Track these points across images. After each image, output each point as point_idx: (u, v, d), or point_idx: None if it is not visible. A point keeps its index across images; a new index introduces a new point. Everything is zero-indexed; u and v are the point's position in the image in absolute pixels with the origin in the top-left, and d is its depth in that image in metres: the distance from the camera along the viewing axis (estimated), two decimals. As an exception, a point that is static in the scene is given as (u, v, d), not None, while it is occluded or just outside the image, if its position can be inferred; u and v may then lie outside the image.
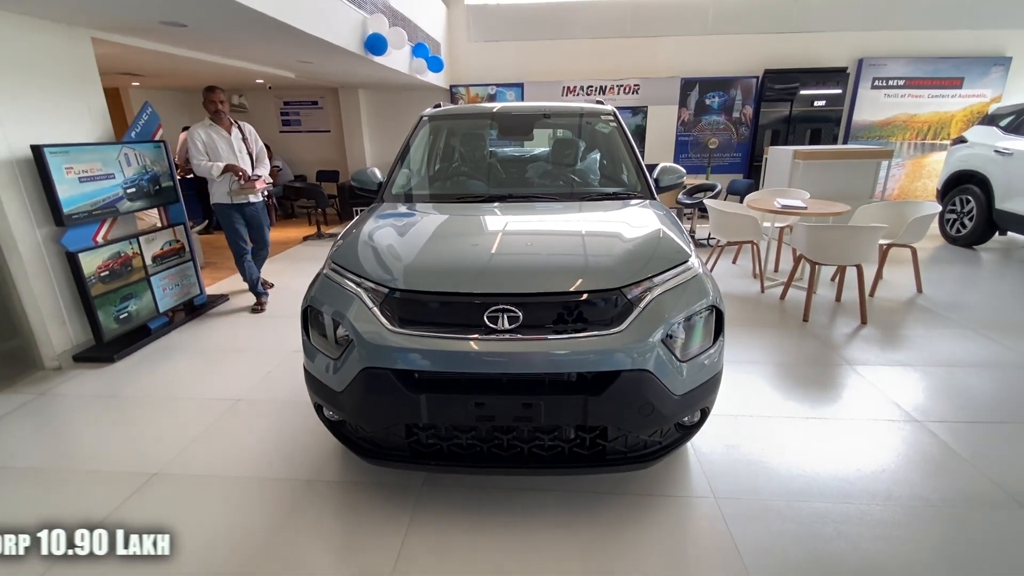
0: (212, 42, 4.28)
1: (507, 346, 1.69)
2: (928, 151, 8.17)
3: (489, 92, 8.36)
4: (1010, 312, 4.07)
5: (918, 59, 7.71)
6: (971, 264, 5.50)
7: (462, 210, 2.53)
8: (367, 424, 1.87)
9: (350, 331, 1.80)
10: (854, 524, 1.95)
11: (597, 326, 1.73)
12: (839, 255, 3.90)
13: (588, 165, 3.12)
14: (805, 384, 3.04)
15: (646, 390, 1.72)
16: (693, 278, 1.90)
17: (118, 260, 3.57)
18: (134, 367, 3.40)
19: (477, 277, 1.82)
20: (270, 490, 2.19)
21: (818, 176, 6.23)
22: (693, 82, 8.09)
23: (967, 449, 2.37)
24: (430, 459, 1.87)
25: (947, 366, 3.19)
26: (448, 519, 2.01)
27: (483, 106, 3.50)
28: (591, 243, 2.05)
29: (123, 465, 2.38)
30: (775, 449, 2.41)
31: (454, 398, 1.74)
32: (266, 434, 2.61)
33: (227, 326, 4.09)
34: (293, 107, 8.99)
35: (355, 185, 3.03)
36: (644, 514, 2.02)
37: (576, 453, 1.86)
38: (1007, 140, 5.54)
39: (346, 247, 2.13)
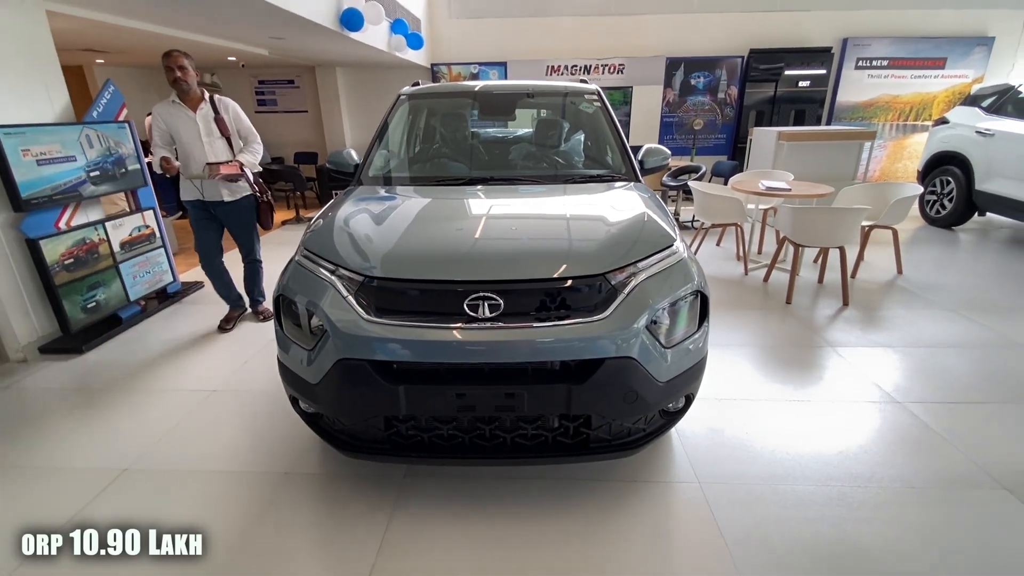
0: (177, 15, 4.07)
1: (488, 335, 1.63)
2: (910, 132, 8.21)
3: (471, 71, 8.16)
4: (989, 292, 4.12)
5: (902, 39, 7.70)
6: (950, 245, 5.57)
7: (442, 193, 2.44)
8: (344, 417, 1.81)
9: (324, 321, 1.73)
10: (836, 506, 1.95)
11: (581, 313, 1.68)
12: (822, 237, 3.90)
13: (572, 146, 3.03)
14: (788, 366, 3.05)
15: (630, 377, 1.68)
16: (678, 262, 1.85)
17: (83, 247, 3.42)
18: (104, 358, 3.28)
19: (457, 264, 1.75)
20: (247, 484, 2.13)
21: (802, 157, 6.23)
22: (678, 62, 7.98)
23: (947, 429, 2.40)
24: (410, 451, 1.81)
25: (927, 347, 3.22)
26: (430, 510, 1.97)
27: (464, 84, 3.39)
28: (575, 227, 1.99)
29: (92, 461, 2.29)
30: (759, 432, 2.41)
31: (434, 389, 1.68)
32: (243, 426, 2.54)
33: (202, 314, 3.96)
34: (268, 86, 8.69)
35: (330, 168, 2.92)
36: (629, 501, 2.00)
37: (560, 442, 1.82)
38: (988, 121, 5.57)
39: (320, 233, 2.04)
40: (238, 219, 3.50)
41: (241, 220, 3.51)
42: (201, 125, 3.23)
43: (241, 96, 8.68)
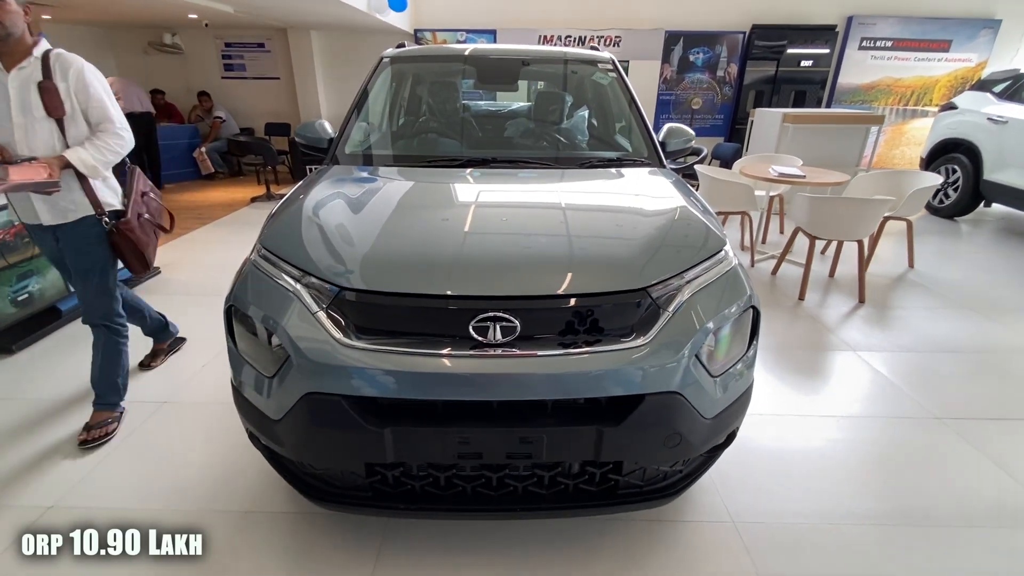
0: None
1: (500, 365, 1.28)
2: (910, 117, 8.00)
3: (459, 38, 7.60)
4: (1006, 289, 3.92)
5: (908, 19, 7.40)
6: (954, 236, 5.39)
7: (436, 178, 2.04)
8: (314, 462, 1.44)
9: (287, 344, 1.34)
10: (891, 547, 1.69)
11: (616, 337, 1.34)
12: (843, 230, 3.62)
13: (583, 124, 2.64)
14: (813, 374, 2.78)
15: (676, 417, 1.35)
16: (730, 271, 1.51)
17: (11, 231, 2.92)
18: (37, 359, 2.84)
19: (460, 273, 1.37)
20: (201, 527, 1.75)
21: (807, 141, 5.93)
22: (677, 36, 7.56)
23: (994, 451, 2.15)
24: (398, 502, 1.46)
25: (954, 352, 2.99)
26: (424, 557, 1.64)
27: (457, 47, 2.93)
28: (605, 227, 1.62)
29: (10, 497, 1.88)
30: (793, 455, 2.13)
31: (430, 433, 1.32)
32: (196, 449, 2.15)
33: (158, 304, 3.48)
34: (236, 49, 7.98)
35: (300, 141, 2.50)
36: (656, 542, 1.70)
37: (582, 489, 1.49)
38: (1001, 107, 5.33)
39: (282, 227, 1.63)
40: (73, 256, 2.11)
41: (76, 259, 2.12)
42: (14, 96, 1.87)
43: (206, 60, 8.00)
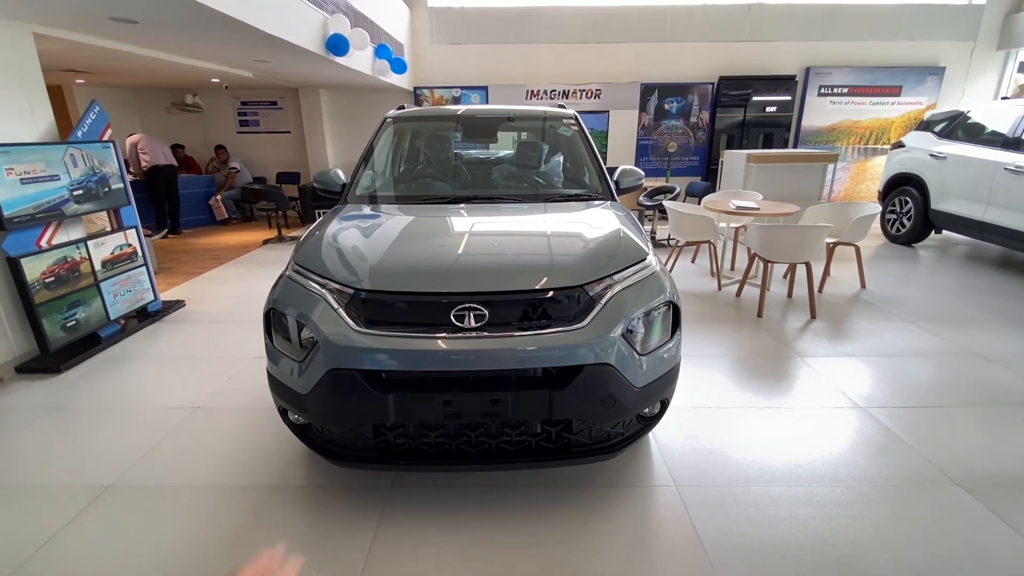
0: (164, 39, 4.15)
1: (474, 344, 1.72)
2: (871, 155, 8.66)
3: (453, 94, 8.36)
4: (946, 306, 4.36)
5: (860, 68, 8.18)
6: (910, 261, 5.87)
7: (428, 211, 2.55)
8: (334, 425, 1.86)
9: (315, 333, 1.79)
10: (804, 505, 2.06)
11: (561, 322, 1.79)
12: (789, 253, 4.10)
13: (551, 167, 3.18)
14: (760, 376, 3.19)
15: (608, 383, 1.78)
16: (651, 275, 1.98)
17: (64, 265, 3.41)
18: (83, 377, 3.25)
19: (444, 276, 1.84)
20: (234, 498, 2.15)
21: (770, 178, 6.53)
22: (653, 87, 8.32)
23: (907, 432, 2.55)
24: (399, 459, 1.88)
25: (888, 356, 3.40)
26: (418, 518, 2.02)
27: (447, 108, 3.52)
28: (555, 243, 2.10)
29: (74, 479, 2.28)
30: (732, 438, 2.52)
31: (422, 397, 1.76)
32: (227, 442, 2.55)
33: (184, 333, 3.95)
34: (251, 107, 8.76)
35: (318, 187, 3.00)
36: (610, 504, 2.08)
37: (543, 447, 1.90)
38: (941, 145, 5.94)
39: (310, 248, 2.11)
40: None
41: None
42: None
43: (223, 116, 8.76)
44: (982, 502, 2.07)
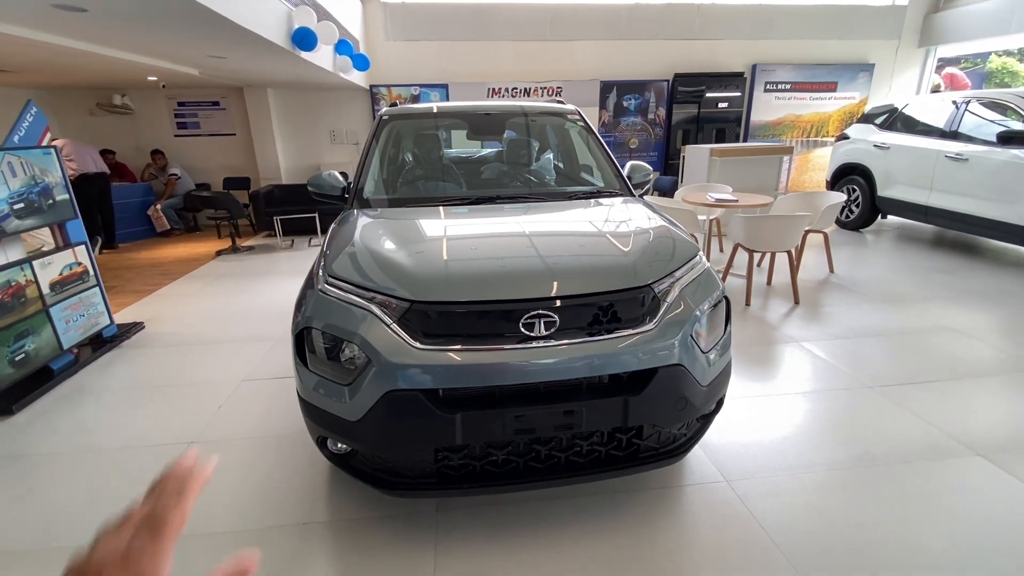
0: (110, 31, 3.69)
1: (547, 353, 1.61)
2: (812, 147, 9.21)
3: (412, 92, 8.10)
4: (907, 285, 4.68)
5: (800, 65, 8.66)
6: (862, 245, 6.27)
7: (459, 213, 2.39)
8: (391, 453, 1.69)
9: (367, 351, 1.62)
10: (849, 488, 2.11)
11: (631, 325, 1.71)
12: (773, 242, 4.25)
13: (568, 164, 3.10)
14: (767, 364, 3.26)
15: (681, 384, 1.72)
16: (704, 271, 1.94)
17: (8, 291, 2.96)
18: (39, 418, 2.83)
19: (508, 282, 1.71)
20: (262, 541, 1.92)
21: (733, 171, 6.77)
22: (611, 84, 8.43)
23: (920, 408, 2.67)
24: (464, 483, 1.73)
25: (877, 336, 3.59)
26: (478, 544, 1.88)
27: (450, 105, 3.35)
28: (612, 242, 2.01)
29: (47, 541, 1.95)
30: (764, 427, 2.56)
31: (491, 414, 1.62)
32: (237, 479, 2.29)
33: (149, 359, 3.55)
34: (190, 108, 8.08)
35: (313, 191, 2.77)
36: (670, 505, 2.04)
37: (612, 455, 1.82)
38: (883, 135, 6.38)
39: (344, 258, 1.91)
40: None
41: None
42: None
43: (157, 119, 8.04)
44: (1002, 468, 2.20)
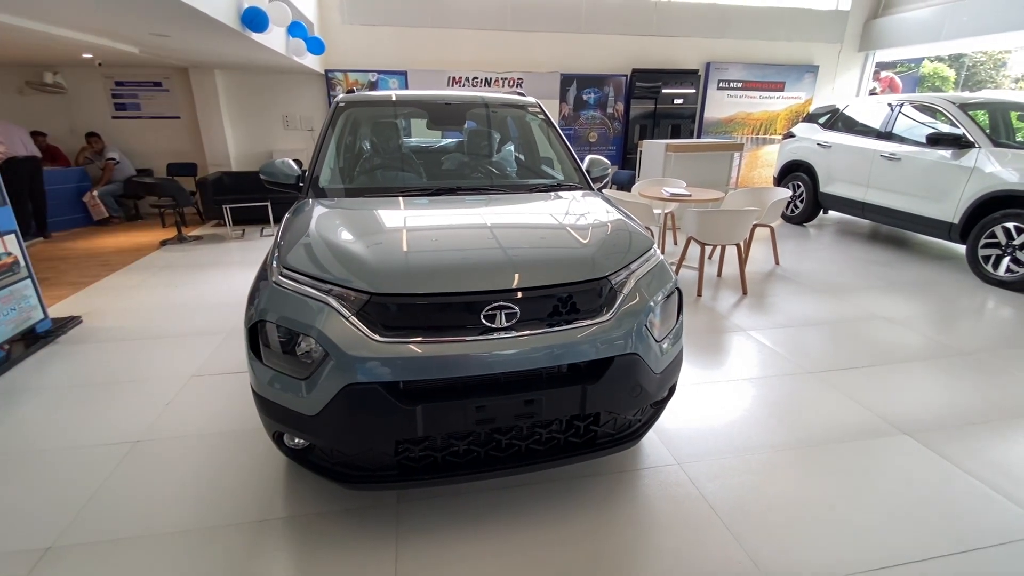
0: (42, 4, 3.40)
1: (508, 344, 1.64)
2: (761, 144, 9.60)
3: (370, 79, 7.90)
4: (847, 276, 4.99)
5: (751, 65, 8.99)
6: (805, 239, 6.62)
7: (419, 204, 2.36)
8: (350, 447, 1.68)
9: (324, 345, 1.59)
10: (796, 467, 2.26)
11: (589, 315, 1.76)
12: (724, 235, 4.43)
13: (528, 157, 3.11)
14: (716, 352, 3.41)
15: (636, 372, 1.79)
16: (658, 263, 2.02)
17: (-77, 283, 2.73)
18: (-37, 420, 2.64)
19: (470, 274, 1.72)
20: (216, 541, 1.87)
21: (687, 166, 7.00)
22: (571, 78, 8.50)
23: (855, 391, 2.88)
24: (424, 474, 1.73)
25: (818, 324, 3.82)
26: (439, 533, 1.90)
27: (408, 93, 3.29)
28: (572, 234, 2.04)
29: None
30: (714, 412, 2.69)
31: (453, 405, 1.64)
32: (186, 477, 2.21)
33: (88, 355, 3.35)
34: (129, 88, 7.59)
35: (265, 179, 2.67)
36: (624, 490, 2.12)
37: (570, 442, 1.87)
38: (825, 135, 6.73)
39: (300, 249, 1.87)
40: None
41: None
42: None
43: (94, 99, 7.53)
44: (927, 446, 2.41)
